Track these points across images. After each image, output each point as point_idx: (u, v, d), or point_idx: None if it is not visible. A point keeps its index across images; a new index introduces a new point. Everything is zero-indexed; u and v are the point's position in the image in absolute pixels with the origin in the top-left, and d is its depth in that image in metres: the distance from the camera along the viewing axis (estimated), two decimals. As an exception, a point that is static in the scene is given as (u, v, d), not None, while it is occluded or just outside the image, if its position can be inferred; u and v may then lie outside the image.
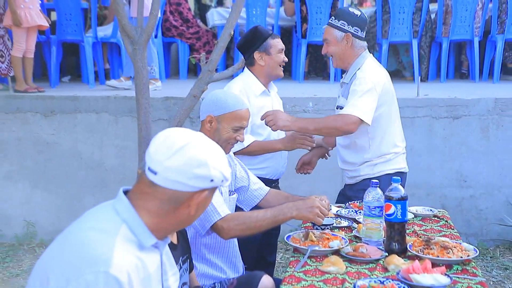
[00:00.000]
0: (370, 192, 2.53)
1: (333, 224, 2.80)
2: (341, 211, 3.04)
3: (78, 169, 5.19)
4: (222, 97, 2.72)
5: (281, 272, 4.31)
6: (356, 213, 3.01)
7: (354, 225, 2.84)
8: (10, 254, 4.97)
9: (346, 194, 3.45)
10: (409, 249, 2.44)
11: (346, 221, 2.90)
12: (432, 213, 3.07)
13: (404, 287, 2.08)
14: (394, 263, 2.31)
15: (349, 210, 3.07)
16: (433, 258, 2.32)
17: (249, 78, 3.51)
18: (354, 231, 2.76)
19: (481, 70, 6.54)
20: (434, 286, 2.06)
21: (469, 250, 2.42)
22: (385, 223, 2.50)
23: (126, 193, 1.64)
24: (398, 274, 2.18)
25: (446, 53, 6.43)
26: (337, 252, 2.45)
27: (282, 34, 6.85)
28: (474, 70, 6.46)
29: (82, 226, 1.59)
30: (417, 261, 2.22)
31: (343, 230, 2.78)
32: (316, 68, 7.25)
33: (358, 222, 2.83)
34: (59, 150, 5.18)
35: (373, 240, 2.52)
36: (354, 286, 2.08)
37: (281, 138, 3.52)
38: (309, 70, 7.17)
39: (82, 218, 1.63)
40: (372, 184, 2.55)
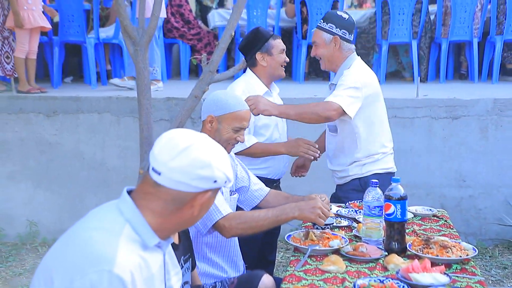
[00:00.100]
0: (370, 191, 2.53)
1: (333, 223, 2.80)
2: (341, 211, 3.04)
3: (80, 169, 5.19)
4: (223, 97, 2.72)
5: (281, 271, 4.31)
6: (356, 212, 3.01)
7: (354, 224, 2.84)
8: (13, 253, 4.98)
9: (337, 195, 3.47)
10: (408, 248, 2.45)
11: (346, 220, 2.90)
12: (431, 212, 3.07)
13: (403, 286, 2.08)
14: (393, 262, 2.31)
15: (349, 210, 3.07)
16: (432, 258, 2.32)
17: (251, 79, 3.51)
18: (354, 231, 2.76)
19: (480, 70, 6.54)
20: (433, 285, 2.06)
21: (468, 250, 2.42)
22: (384, 223, 2.49)
23: (129, 193, 1.65)
24: (397, 273, 2.18)
25: (446, 54, 6.43)
26: (337, 251, 2.46)
27: (283, 35, 6.84)
28: (473, 70, 6.46)
29: (86, 226, 1.59)
30: (416, 260, 2.22)
31: (343, 230, 2.78)
32: (316, 69, 7.23)
33: (358, 222, 2.84)
34: (62, 150, 5.19)
35: (373, 239, 2.53)
36: (354, 285, 2.08)
37: (284, 141, 3.51)
38: (309, 71, 7.18)
39: (85, 218, 1.64)
40: (372, 184, 2.55)
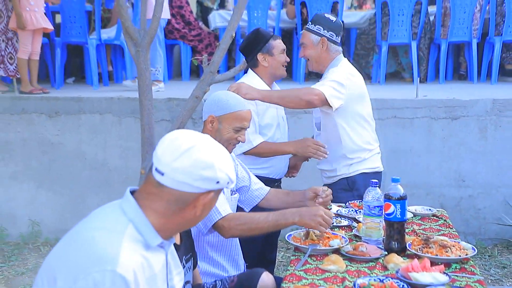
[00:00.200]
0: (369, 191, 2.53)
1: (333, 223, 2.79)
2: (341, 211, 3.05)
3: (82, 169, 5.21)
4: (223, 97, 2.74)
5: (282, 270, 4.32)
6: (356, 212, 3.02)
7: (354, 224, 2.85)
8: (15, 252, 5.00)
9: None
10: (408, 248, 2.45)
11: (346, 220, 2.90)
12: (431, 212, 3.07)
13: (403, 286, 2.07)
14: (393, 262, 2.31)
15: (349, 210, 3.07)
16: (432, 257, 2.32)
17: (253, 79, 3.52)
18: (354, 230, 2.76)
19: (479, 71, 6.54)
20: (433, 285, 2.06)
21: (467, 249, 2.43)
22: (384, 222, 2.49)
23: (133, 193, 1.65)
24: (397, 272, 2.19)
25: (445, 54, 6.43)
26: (337, 251, 2.46)
27: (283, 36, 6.85)
28: (472, 71, 6.46)
29: (89, 226, 1.60)
30: (416, 259, 2.23)
31: (343, 229, 2.77)
32: (316, 69, 7.27)
33: (358, 221, 2.84)
34: (64, 150, 5.20)
35: (372, 239, 2.52)
36: (354, 285, 2.08)
37: (292, 141, 3.50)
38: (309, 72, 7.17)
39: (88, 217, 1.64)
40: (371, 184, 2.55)
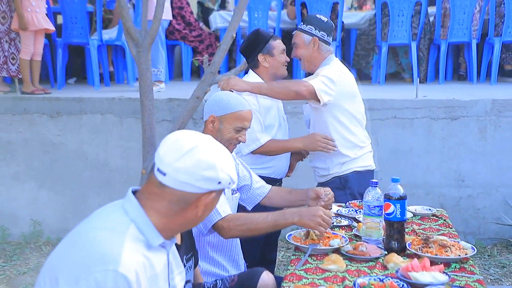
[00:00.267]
0: (369, 191, 2.53)
1: (333, 223, 2.80)
2: (341, 210, 3.05)
3: (84, 169, 5.22)
4: (224, 97, 2.75)
5: (282, 270, 4.32)
6: (356, 212, 3.02)
7: (354, 224, 2.85)
8: (17, 252, 5.01)
9: None
10: (408, 247, 2.46)
11: (346, 220, 2.91)
12: (430, 212, 3.07)
13: (403, 285, 2.08)
14: (393, 261, 2.31)
15: (349, 209, 3.08)
16: (431, 257, 2.32)
17: (254, 79, 3.52)
18: (354, 230, 2.76)
19: (478, 72, 6.54)
20: (432, 284, 2.06)
21: (467, 249, 2.43)
22: (384, 222, 2.49)
23: (134, 193, 1.66)
24: (397, 272, 2.19)
25: (445, 55, 6.44)
26: (337, 250, 2.46)
27: (284, 36, 6.83)
28: (472, 72, 6.47)
29: (91, 226, 1.60)
30: (416, 259, 2.23)
31: (343, 229, 2.78)
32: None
33: (358, 221, 2.85)
34: (65, 150, 5.21)
35: (372, 238, 2.53)
36: (354, 284, 2.08)
37: (300, 137, 3.50)
38: (309, 72, 7.20)
39: (90, 217, 1.65)
40: (371, 184, 2.56)
